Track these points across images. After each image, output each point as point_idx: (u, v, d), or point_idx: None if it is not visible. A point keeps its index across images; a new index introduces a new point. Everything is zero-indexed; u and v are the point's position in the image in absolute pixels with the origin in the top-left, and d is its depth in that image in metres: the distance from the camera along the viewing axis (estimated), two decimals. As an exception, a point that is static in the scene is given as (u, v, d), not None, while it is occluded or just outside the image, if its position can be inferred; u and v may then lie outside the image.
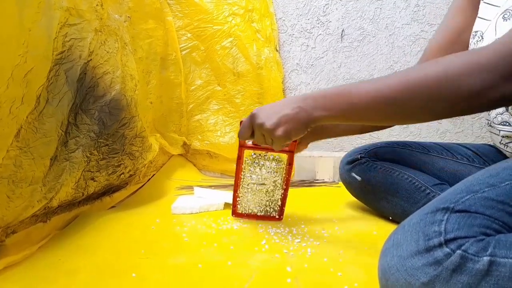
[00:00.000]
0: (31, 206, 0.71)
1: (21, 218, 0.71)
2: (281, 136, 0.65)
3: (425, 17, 1.31)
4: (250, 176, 0.84)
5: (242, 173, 0.82)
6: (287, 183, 0.87)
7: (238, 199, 0.88)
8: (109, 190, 1.04)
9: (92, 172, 0.90)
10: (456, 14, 0.79)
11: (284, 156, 0.84)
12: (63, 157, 0.79)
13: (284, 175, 0.86)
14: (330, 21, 1.36)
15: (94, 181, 0.92)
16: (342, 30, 1.37)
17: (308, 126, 0.64)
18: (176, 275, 0.64)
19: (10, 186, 0.66)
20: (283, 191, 0.88)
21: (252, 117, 0.67)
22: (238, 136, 0.73)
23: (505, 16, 0.65)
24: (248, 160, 0.82)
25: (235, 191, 0.87)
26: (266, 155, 0.84)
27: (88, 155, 0.86)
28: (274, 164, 0.83)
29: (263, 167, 0.83)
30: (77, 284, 0.61)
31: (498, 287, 0.41)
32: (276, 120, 0.64)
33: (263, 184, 0.86)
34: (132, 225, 0.88)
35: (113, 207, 1.04)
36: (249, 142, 0.81)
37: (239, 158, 0.80)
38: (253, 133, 0.71)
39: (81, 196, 0.90)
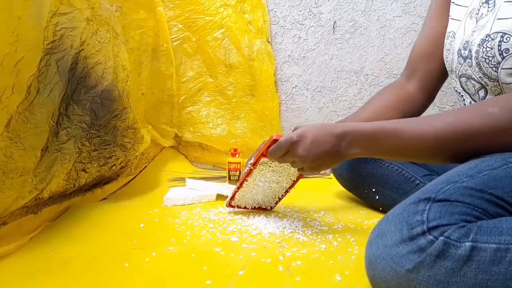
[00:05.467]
0: (21, 197, 0.71)
1: (12, 209, 0.70)
2: (315, 168, 0.69)
3: (416, 10, 1.31)
4: (258, 177, 0.83)
5: (250, 175, 0.81)
6: (291, 186, 0.87)
7: (237, 193, 0.87)
8: (100, 182, 1.04)
9: (83, 163, 0.89)
10: (434, 20, 0.83)
11: None
12: (54, 148, 0.78)
13: (291, 179, 0.86)
14: (322, 13, 1.36)
15: (86, 172, 0.91)
16: (334, 22, 1.37)
17: (342, 161, 0.67)
18: (168, 264, 0.65)
19: (1, 176, 0.66)
20: (284, 192, 0.89)
21: (293, 145, 0.68)
22: (269, 153, 0.73)
23: (472, 15, 0.68)
24: (260, 164, 0.80)
25: (237, 187, 0.85)
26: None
27: (80, 146, 0.86)
28: (284, 169, 0.83)
29: (273, 172, 0.82)
30: (70, 273, 0.61)
31: (479, 271, 0.43)
32: (316, 155, 0.66)
33: (270, 185, 0.86)
34: (125, 216, 0.88)
35: (104, 199, 1.04)
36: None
37: (254, 164, 0.79)
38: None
39: (73, 188, 0.89)
